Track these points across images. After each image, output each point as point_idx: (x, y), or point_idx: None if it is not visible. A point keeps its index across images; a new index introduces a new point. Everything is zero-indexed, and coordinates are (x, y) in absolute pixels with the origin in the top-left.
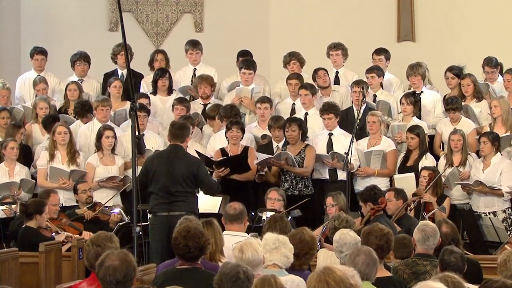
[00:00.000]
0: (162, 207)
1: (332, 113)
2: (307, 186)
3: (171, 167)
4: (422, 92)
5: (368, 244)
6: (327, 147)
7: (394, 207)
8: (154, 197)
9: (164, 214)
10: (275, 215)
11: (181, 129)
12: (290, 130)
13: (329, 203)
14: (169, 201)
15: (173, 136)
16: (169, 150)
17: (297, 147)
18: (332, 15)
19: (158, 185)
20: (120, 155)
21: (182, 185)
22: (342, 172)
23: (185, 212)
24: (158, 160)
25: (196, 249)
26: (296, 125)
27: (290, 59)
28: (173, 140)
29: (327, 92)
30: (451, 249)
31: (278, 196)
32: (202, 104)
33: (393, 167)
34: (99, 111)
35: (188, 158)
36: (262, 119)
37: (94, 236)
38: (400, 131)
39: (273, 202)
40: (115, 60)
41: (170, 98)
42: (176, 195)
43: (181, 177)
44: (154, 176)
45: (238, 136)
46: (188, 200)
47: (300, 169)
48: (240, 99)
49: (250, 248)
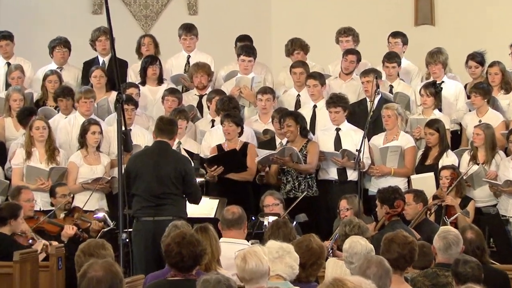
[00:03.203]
0: (147, 211)
1: (340, 106)
2: (311, 186)
3: (157, 166)
4: (443, 82)
5: (390, 252)
6: (334, 144)
7: (413, 212)
8: (138, 200)
9: (149, 219)
10: (278, 221)
11: (170, 124)
12: (286, 126)
13: (344, 206)
14: (155, 205)
15: (161, 131)
16: (155, 147)
17: (298, 144)
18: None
19: (142, 187)
20: (105, 152)
21: (169, 186)
22: (352, 172)
23: (172, 217)
24: (142, 158)
25: (190, 258)
26: (291, 119)
27: (293, 49)
28: (160, 136)
29: (346, 77)
30: (465, 259)
31: (275, 201)
32: (198, 95)
33: (411, 166)
34: (82, 103)
35: (177, 157)
36: (264, 112)
37: (85, 245)
38: (419, 126)
39: (271, 208)
40: (94, 47)
41: (161, 89)
42: (163, 197)
43: (168, 177)
44: (137, 177)
45: (232, 131)
46: (176, 203)
47: (304, 165)
48: (239, 90)
49: (255, 257)
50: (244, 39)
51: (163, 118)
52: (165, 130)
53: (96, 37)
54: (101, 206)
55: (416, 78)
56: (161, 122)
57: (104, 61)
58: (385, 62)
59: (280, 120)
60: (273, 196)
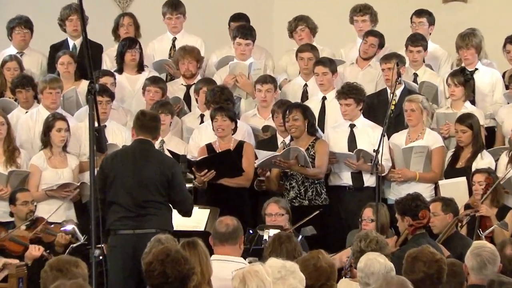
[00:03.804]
0: (125, 222)
1: (351, 97)
2: (319, 193)
3: (138, 169)
4: (477, 70)
5: (413, 272)
6: (348, 143)
7: (442, 224)
8: (115, 210)
9: (128, 232)
10: (280, 234)
11: (154, 120)
12: (291, 119)
13: (368, 216)
14: (135, 215)
15: (142, 128)
16: (135, 147)
17: (303, 143)
18: None
19: (119, 193)
20: (74, 153)
21: (153, 193)
22: (368, 177)
23: (155, 229)
24: (120, 159)
25: (176, 279)
26: (299, 112)
27: (297, 25)
28: (141, 134)
29: (363, 64)
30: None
31: (280, 210)
32: (185, 85)
33: (439, 170)
34: (47, 95)
35: (161, 158)
36: (263, 104)
37: (54, 260)
38: (447, 122)
39: (274, 218)
40: (63, 28)
41: (141, 77)
42: (145, 206)
43: (151, 182)
44: (114, 181)
45: (226, 127)
46: (160, 213)
47: (312, 170)
48: (235, 78)
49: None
50: (240, 19)
51: (145, 113)
52: (148, 127)
53: (66, 16)
54: (69, 217)
55: (445, 64)
56: (143, 117)
57: (75, 45)
58: (409, 46)
59: (284, 113)
60: (278, 204)
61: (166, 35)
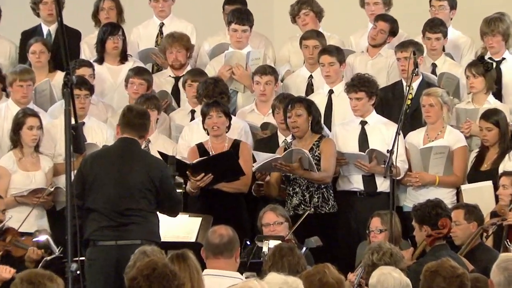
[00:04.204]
0: (107, 233)
1: (362, 90)
2: (326, 200)
3: (122, 172)
4: (504, 60)
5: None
6: (359, 142)
7: (464, 234)
8: (95, 218)
9: (110, 243)
10: (281, 246)
11: (142, 117)
12: (294, 115)
13: (376, 226)
14: (118, 224)
15: (128, 126)
16: (119, 146)
17: (307, 142)
18: None
19: (100, 200)
20: (48, 154)
21: (138, 200)
22: (383, 181)
23: (140, 240)
24: (101, 161)
25: None
26: (302, 107)
27: (300, 8)
28: (127, 132)
29: (373, 52)
30: None
31: (278, 218)
32: (173, 77)
33: (462, 173)
34: (17, 88)
35: (149, 159)
36: (263, 99)
37: (26, 272)
38: (468, 119)
39: (272, 228)
40: (36, 12)
41: (124, 68)
42: (129, 214)
43: (136, 187)
44: (94, 186)
45: (221, 124)
46: (146, 222)
47: (318, 174)
48: (230, 69)
49: None
50: (236, 2)
51: (132, 108)
52: (135, 125)
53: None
54: (42, 227)
55: (468, 53)
56: (129, 113)
57: (49, 31)
58: (426, 32)
59: (286, 109)
60: (275, 212)
61: (152, 20)
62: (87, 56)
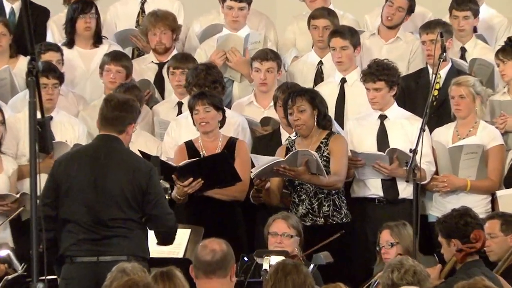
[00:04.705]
0: (86, 247)
1: (382, 79)
2: (338, 208)
3: (102, 175)
4: None
5: None
6: (377, 140)
7: (500, 248)
8: (71, 230)
9: (90, 260)
10: (285, 263)
11: (120, 108)
12: (296, 111)
13: (385, 240)
14: (100, 237)
15: (105, 120)
16: (98, 146)
17: (313, 140)
18: None
19: (77, 209)
20: (9, 154)
21: (123, 208)
22: (405, 186)
23: (126, 256)
24: (77, 163)
25: None
26: (304, 100)
27: None
28: (103, 127)
29: (387, 35)
30: None
31: (289, 229)
32: (157, 63)
33: (498, 177)
34: None
35: (133, 160)
36: (263, 89)
37: None
38: (503, 113)
39: (279, 240)
40: None
41: (98, 53)
42: (112, 225)
43: (119, 193)
44: (70, 193)
45: (210, 119)
46: (133, 234)
47: (328, 178)
48: (224, 55)
49: None
50: None
51: (112, 98)
52: (110, 118)
53: None
54: (3, 240)
55: (504, 35)
56: (107, 104)
57: (12, 9)
58: (453, 10)
59: (286, 103)
60: (288, 222)
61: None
62: (55, 38)
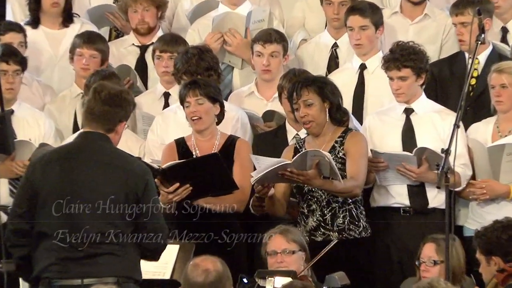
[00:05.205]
0: (68, 267)
1: (408, 66)
2: (355, 220)
3: (87, 181)
4: None
5: None
6: (402, 138)
7: None
8: (49, 248)
9: (73, 283)
10: (293, 285)
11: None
12: (302, 106)
13: (429, 256)
14: (84, 255)
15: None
16: (82, 145)
17: (326, 138)
18: None
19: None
20: None
21: (113, 220)
22: (436, 193)
23: (116, 278)
24: (56, 167)
25: None
26: (311, 91)
27: None
28: (92, 124)
29: (412, 13)
30: None
31: (289, 244)
32: (138, 45)
33: None
34: None
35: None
36: (266, 77)
37: None
38: None
39: (280, 259)
40: None
41: (68, 34)
42: (99, 242)
43: (110, 202)
44: (47, 202)
45: (202, 113)
46: (124, 253)
47: (344, 183)
48: (221, 37)
49: None
50: None
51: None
52: (106, 114)
53: None
54: None
55: None
56: (94, 96)
57: None
58: None
59: (291, 95)
60: (286, 236)
61: None
62: (16, 17)
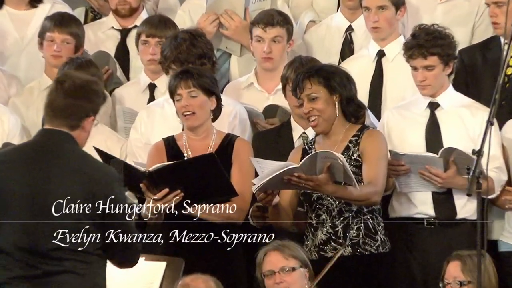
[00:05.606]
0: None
1: (435, 54)
2: (372, 233)
3: (44, 188)
4: None
5: None
6: (426, 136)
7: None
8: (1, 264)
9: None
10: None
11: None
12: (307, 100)
13: (455, 276)
14: (41, 273)
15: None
16: (41, 145)
17: (339, 137)
18: None
19: (11, 234)
20: None
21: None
22: (466, 201)
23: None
24: (10, 169)
25: None
26: (317, 83)
27: None
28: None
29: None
30: None
31: (288, 261)
32: (118, 29)
33: None
34: None
35: (90, 168)
36: (267, 65)
37: None
38: None
39: (279, 279)
40: None
41: (37, 15)
42: (56, 257)
43: (68, 213)
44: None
45: (196, 108)
46: (86, 270)
47: (360, 189)
48: (216, 19)
49: None
50: None
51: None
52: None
53: None
54: None
55: None
56: (58, 86)
57: None
58: None
59: (295, 88)
60: (283, 252)
61: None
62: None
